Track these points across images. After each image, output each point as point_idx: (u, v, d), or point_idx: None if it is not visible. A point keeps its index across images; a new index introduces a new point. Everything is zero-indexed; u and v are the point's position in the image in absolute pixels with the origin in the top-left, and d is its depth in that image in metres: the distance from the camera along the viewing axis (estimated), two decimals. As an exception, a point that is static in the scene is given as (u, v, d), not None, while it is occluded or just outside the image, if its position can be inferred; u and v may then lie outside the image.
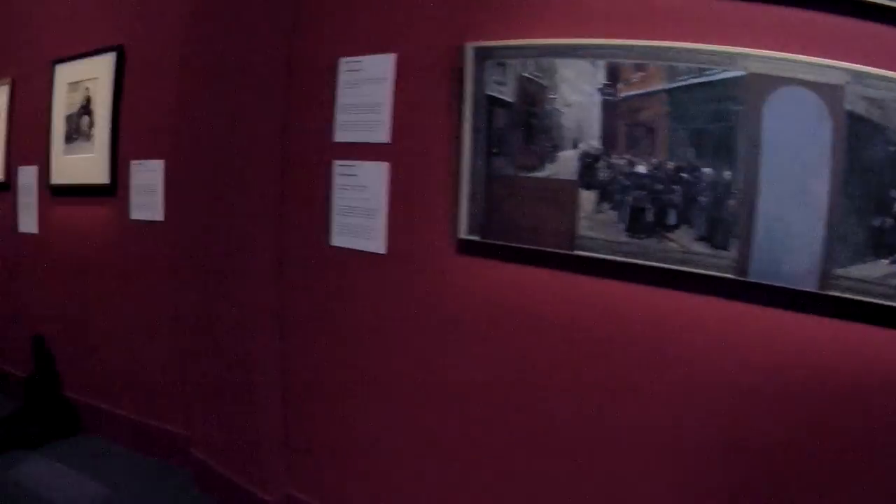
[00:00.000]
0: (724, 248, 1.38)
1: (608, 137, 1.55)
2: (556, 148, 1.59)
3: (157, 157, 2.38)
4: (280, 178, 1.96)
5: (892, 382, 1.16)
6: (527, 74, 1.62)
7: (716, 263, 1.39)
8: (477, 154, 1.64)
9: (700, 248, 1.43)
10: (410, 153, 1.72)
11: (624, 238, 1.53)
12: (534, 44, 1.62)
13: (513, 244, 1.59)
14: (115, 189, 2.52)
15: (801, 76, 1.29)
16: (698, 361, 1.37)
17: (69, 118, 2.67)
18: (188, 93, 2.23)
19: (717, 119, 1.47)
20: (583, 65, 1.59)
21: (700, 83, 1.48)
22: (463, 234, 1.62)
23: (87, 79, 2.62)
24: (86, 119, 2.61)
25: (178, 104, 2.28)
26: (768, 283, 1.32)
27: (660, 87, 1.51)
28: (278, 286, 2.00)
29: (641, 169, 1.54)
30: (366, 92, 1.81)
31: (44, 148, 2.79)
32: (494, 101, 1.65)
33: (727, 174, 1.38)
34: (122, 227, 2.51)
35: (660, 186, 1.53)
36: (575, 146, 1.58)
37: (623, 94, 1.55)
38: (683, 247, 1.45)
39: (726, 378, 1.34)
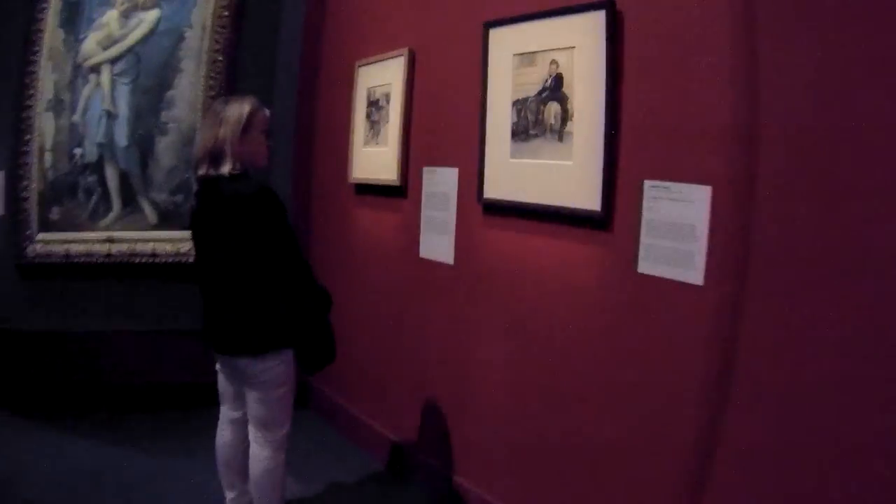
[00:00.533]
0: None
1: None
2: None
3: (696, 180, 1.47)
4: None
5: None
6: None
7: None
8: None
9: None
10: None
11: None
12: None
13: None
14: (608, 220, 1.67)
15: None
16: None
17: (519, 105, 1.88)
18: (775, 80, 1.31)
19: None
20: None
21: None
22: None
23: (553, 48, 1.77)
24: (553, 107, 1.78)
25: (752, 98, 1.36)
26: None
27: None
28: None
29: None
30: None
31: (470, 145, 2.04)
32: None
33: None
34: (615, 281, 1.66)
35: None
36: None
37: None
38: None
39: None
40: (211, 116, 1.81)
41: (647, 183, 1.57)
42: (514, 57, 1.90)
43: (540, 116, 1.83)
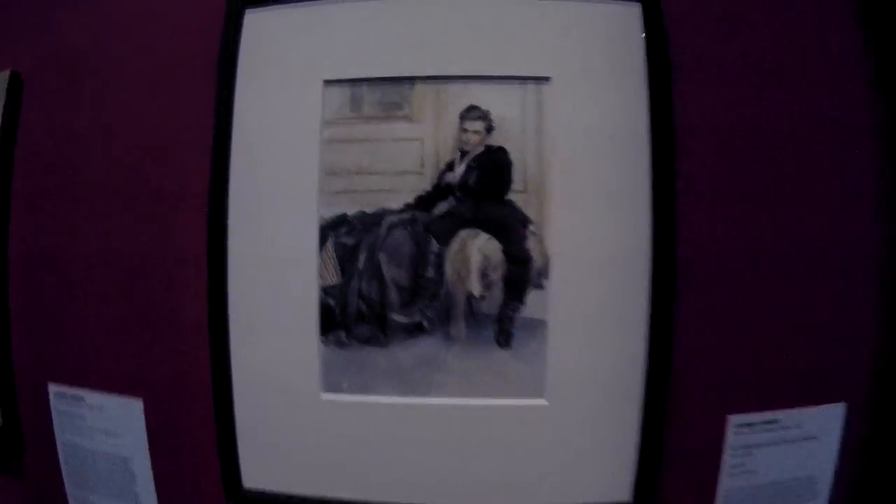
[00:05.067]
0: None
1: None
2: None
3: (825, 398, 0.83)
4: None
5: None
6: None
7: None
8: None
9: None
10: None
11: None
12: None
13: None
14: None
15: None
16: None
17: (351, 234, 0.72)
18: None
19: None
20: None
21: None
22: None
23: (473, 75, 0.71)
24: (479, 247, 0.71)
25: None
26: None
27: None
28: None
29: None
30: None
31: (188, 343, 0.77)
32: None
33: None
34: None
35: None
36: None
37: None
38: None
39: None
40: None
41: (735, 420, 0.81)
42: (324, 89, 0.71)
43: (429, 272, 0.72)
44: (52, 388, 0.88)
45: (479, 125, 0.70)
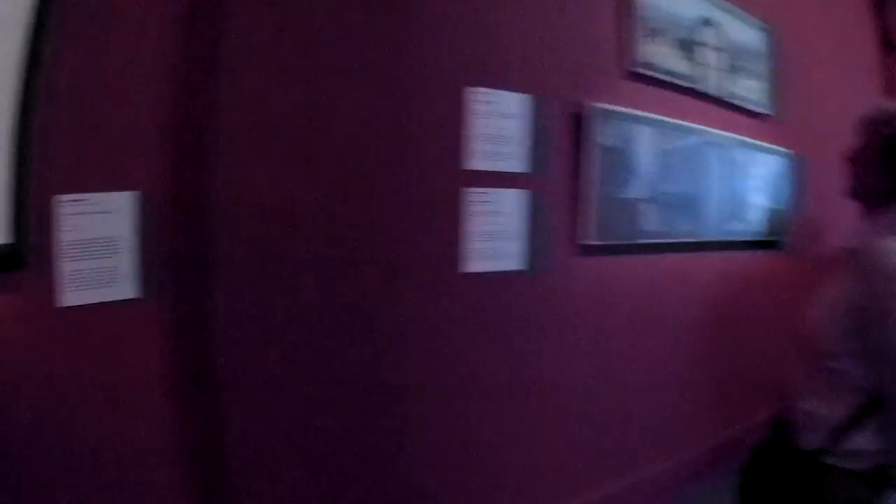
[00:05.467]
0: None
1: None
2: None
3: (118, 187, 1.47)
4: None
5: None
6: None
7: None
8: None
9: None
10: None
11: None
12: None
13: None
14: (22, 255, 1.32)
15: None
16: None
17: None
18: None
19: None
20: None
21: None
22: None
23: None
24: None
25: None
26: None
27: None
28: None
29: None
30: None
31: None
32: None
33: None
34: (42, 324, 1.35)
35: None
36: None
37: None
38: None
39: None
40: None
41: (62, 198, 1.41)
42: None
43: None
44: None
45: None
